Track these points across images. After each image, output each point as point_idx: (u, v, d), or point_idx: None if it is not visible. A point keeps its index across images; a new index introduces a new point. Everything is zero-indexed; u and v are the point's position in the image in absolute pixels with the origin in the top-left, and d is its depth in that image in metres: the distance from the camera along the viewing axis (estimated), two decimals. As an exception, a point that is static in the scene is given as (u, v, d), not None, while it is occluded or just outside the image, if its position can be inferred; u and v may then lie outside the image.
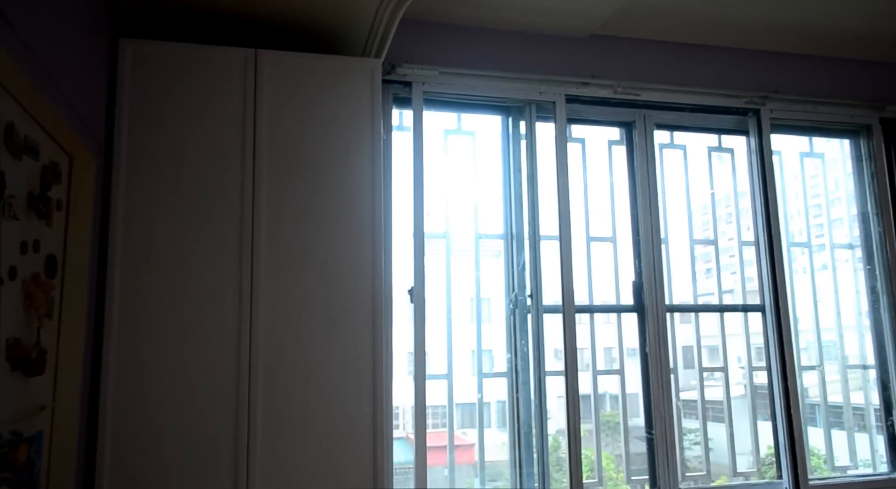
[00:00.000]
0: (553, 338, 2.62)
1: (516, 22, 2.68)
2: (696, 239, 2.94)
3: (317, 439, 1.87)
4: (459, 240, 2.68)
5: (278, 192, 1.96)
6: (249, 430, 1.82)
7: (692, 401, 2.86)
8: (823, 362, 3.00)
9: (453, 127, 2.74)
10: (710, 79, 2.92)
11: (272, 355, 1.87)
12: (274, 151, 1.97)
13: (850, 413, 3.01)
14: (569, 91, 2.71)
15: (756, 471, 2.82)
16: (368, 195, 2.02)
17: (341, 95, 2.05)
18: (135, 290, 1.82)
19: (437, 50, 2.64)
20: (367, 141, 2.05)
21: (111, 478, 1.73)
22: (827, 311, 3.06)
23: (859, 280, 3.11)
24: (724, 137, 3.04)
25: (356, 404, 1.91)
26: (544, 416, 2.57)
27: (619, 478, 2.77)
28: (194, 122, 1.93)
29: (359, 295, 1.96)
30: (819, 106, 3.01)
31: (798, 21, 2.77)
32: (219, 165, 1.93)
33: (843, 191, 3.20)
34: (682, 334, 2.85)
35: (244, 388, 1.84)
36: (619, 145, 2.90)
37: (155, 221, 1.87)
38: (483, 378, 2.63)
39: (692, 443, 2.95)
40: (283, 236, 1.94)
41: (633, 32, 2.84)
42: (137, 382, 1.78)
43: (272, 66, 2.01)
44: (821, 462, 2.97)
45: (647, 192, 2.83)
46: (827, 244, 3.13)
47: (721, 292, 2.93)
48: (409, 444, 2.49)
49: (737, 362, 2.94)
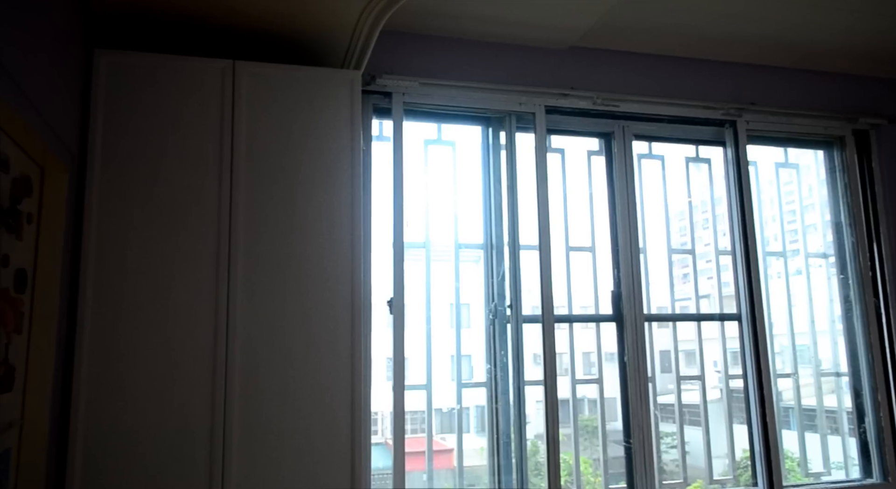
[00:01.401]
0: (532, 344, 2.63)
1: (496, 34, 2.69)
2: (674, 248, 2.97)
3: (294, 449, 1.85)
4: (439, 250, 2.67)
5: (256, 203, 1.94)
6: (225, 444, 1.80)
7: (669, 405, 2.88)
8: (798, 367, 3.04)
9: (433, 137, 2.74)
10: (687, 91, 2.95)
11: (249, 366, 1.85)
12: (252, 163, 1.96)
13: (824, 417, 3.06)
14: (548, 102, 2.73)
15: (732, 478, 2.85)
16: (347, 205, 2.01)
17: (320, 107, 2.04)
18: (108, 304, 1.79)
19: (418, 61, 2.63)
20: (346, 151, 2.04)
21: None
22: (801, 316, 3.11)
23: (833, 286, 3.16)
24: (701, 148, 3.08)
25: (334, 413, 1.89)
26: (523, 425, 2.58)
27: (596, 483, 2.78)
28: (171, 134, 1.91)
29: (337, 304, 1.95)
30: (794, 118, 3.05)
31: (774, 34, 2.81)
32: (195, 177, 1.91)
33: (817, 197, 3.25)
34: (660, 338, 2.88)
35: (220, 400, 1.82)
36: (599, 156, 2.92)
37: (129, 234, 1.84)
38: (462, 388, 2.64)
39: (669, 447, 2.97)
40: (261, 247, 1.92)
41: (612, 44, 2.86)
42: (110, 398, 1.76)
43: (250, 78, 1.99)
44: (794, 465, 3.01)
45: (626, 202, 2.85)
46: (801, 249, 3.18)
47: (698, 298, 2.96)
48: (387, 450, 2.49)
49: (713, 366, 2.97)
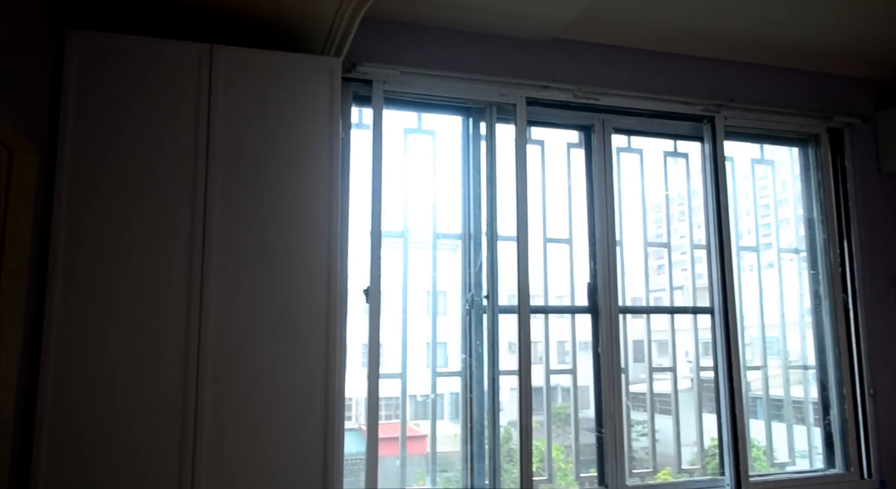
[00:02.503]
0: (508, 333, 2.64)
1: (479, 23, 2.67)
2: (650, 242, 3.00)
3: (266, 435, 1.85)
4: (417, 239, 2.67)
5: (232, 189, 1.91)
6: (196, 430, 1.79)
7: (641, 394, 2.93)
8: (767, 359, 3.10)
9: (413, 126, 2.72)
10: (667, 86, 2.96)
11: (221, 353, 1.84)
12: (228, 148, 1.93)
13: (791, 408, 3.13)
14: (529, 94, 2.72)
15: (700, 467, 2.91)
16: (325, 193, 2.00)
17: (299, 93, 2.01)
18: (78, 291, 1.76)
19: (399, 49, 2.60)
20: (325, 139, 2.02)
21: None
22: (772, 309, 3.17)
23: (803, 281, 3.22)
24: (679, 143, 3.10)
25: (308, 399, 1.89)
26: (496, 414, 2.60)
27: (567, 469, 2.82)
28: (145, 118, 1.87)
29: (313, 292, 1.94)
30: (770, 115, 3.09)
31: (753, 31, 2.83)
32: (170, 162, 1.87)
33: (791, 193, 3.30)
34: (634, 329, 2.92)
35: (191, 387, 1.80)
36: (578, 148, 2.93)
37: (101, 219, 1.80)
38: (437, 377, 2.65)
39: (639, 435, 3.02)
40: (236, 234, 1.90)
41: (595, 37, 2.86)
42: (78, 386, 1.73)
43: (228, 62, 1.96)
44: (760, 454, 3.08)
45: (604, 195, 2.87)
46: (774, 244, 3.23)
47: (672, 289, 3.00)
48: (360, 436, 2.50)
49: (685, 357, 3.02)
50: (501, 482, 2.58)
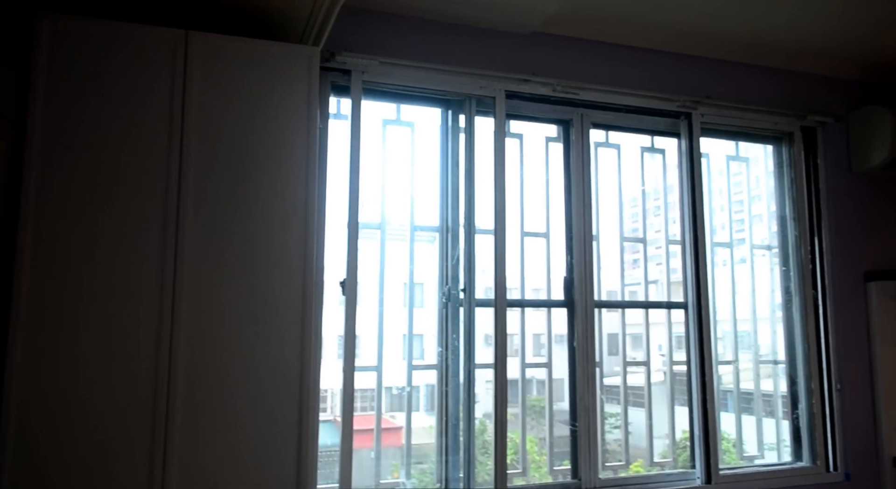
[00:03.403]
0: (484, 325, 2.65)
1: (459, 15, 2.65)
2: (626, 236, 3.02)
3: (239, 426, 1.83)
4: (394, 232, 2.66)
5: (206, 179, 1.88)
6: (168, 422, 1.76)
7: (615, 387, 2.95)
8: (738, 353, 3.15)
9: (392, 117, 2.70)
10: (646, 82, 2.98)
11: (195, 346, 1.81)
12: (203, 137, 1.89)
13: (760, 401, 3.19)
14: (509, 87, 2.72)
15: (672, 460, 2.95)
16: (302, 184, 1.97)
17: (277, 82, 1.98)
18: (46, 281, 1.72)
19: (379, 39, 2.58)
20: (302, 129, 2.00)
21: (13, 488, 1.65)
22: (744, 304, 3.21)
23: (775, 277, 3.27)
24: (656, 138, 3.12)
25: (282, 390, 1.87)
26: (472, 407, 2.60)
27: (542, 461, 2.84)
28: (117, 104, 1.82)
29: (289, 283, 1.92)
30: (746, 112, 3.12)
31: (730, 29, 2.85)
32: (143, 150, 1.83)
33: (764, 189, 3.35)
34: (609, 322, 2.94)
35: (163, 378, 1.77)
36: (557, 142, 2.93)
37: (70, 208, 1.76)
38: (413, 370, 2.65)
39: (612, 427, 3.05)
40: (210, 225, 1.87)
41: (575, 32, 2.86)
42: (46, 378, 1.69)
43: (204, 49, 1.92)
44: (730, 446, 3.13)
45: (582, 190, 2.88)
46: (747, 239, 3.27)
47: (647, 283, 3.03)
48: (335, 427, 2.49)
49: (658, 350, 3.06)
50: (476, 474, 2.59)
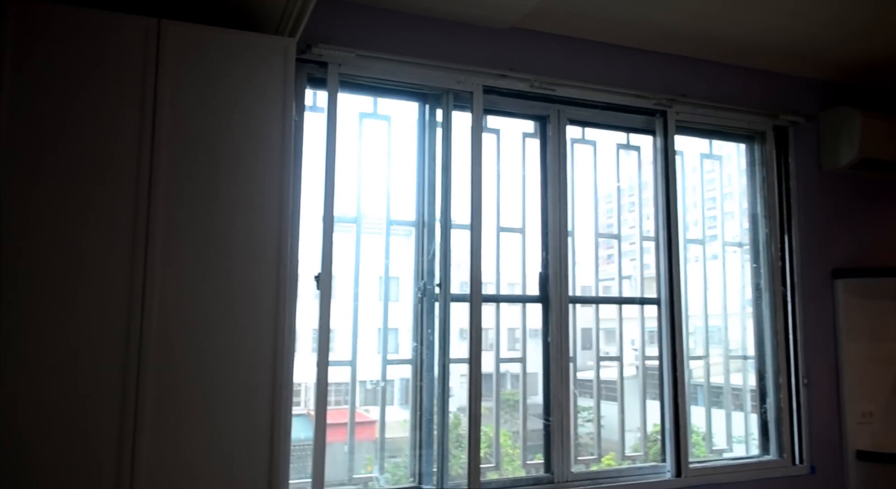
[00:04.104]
0: (459, 320, 2.65)
1: (438, 9, 2.64)
2: (601, 233, 3.04)
3: (211, 422, 1.81)
4: (370, 225, 2.65)
5: (178, 171, 1.85)
6: (137, 415, 1.73)
7: (588, 381, 2.98)
8: (709, 348, 3.20)
9: (369, 111, 2.68)
10: (622, 79, 3.00)
11: (166, 340, 1.79)
12: (175, 128, 1.86)
13: (730, 395, 3.24)
14: (487, 82, 2.71)
15: (643, 454, 2.99)
16: (277, 177, 1.95)
17: (252, 74, 1.95)
18: (12, 274, 1.68)
19: (356, 32, 2.56)
20: (277, 122, 1.97)
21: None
22: (715, 300, 3.26)
23: (746, 273, 3.33)
24: (632, 136, 3.14)
25: (255, 384, 1.86)
26: (446, 402, 2.61)
27: (515, 455, 2.86)
28: (87, 94, 1.78)
29: (262, 277, 1.90)
30: (720, 111, 3.15)
31: (706, 28, 2.88)
32: (113, 142, 1.79)
33: (737, 186, 3.39)
34: (583, 316, 2.97)
35: (132, 371, 1.74)
36: (533, 138, 2.94)
37: (38, 198, 1.72)
38: (387, 364, 2.64)
39: (585, 421, 3.08)
40: (183, 217, 1.84)
41: (553, 28, 2.86)
42: (11, 373, 1.65)
43: (177, 39, 1.88)
44: (700, 439, 3.18)
45: (558, 186, 2.89)
46: (719, 236, 3.31)
47: (621, 279, 3.06)
48: (309, 421, 2.48)
49: (631, 345, 3.09)
50: (449, 468, 2.60)
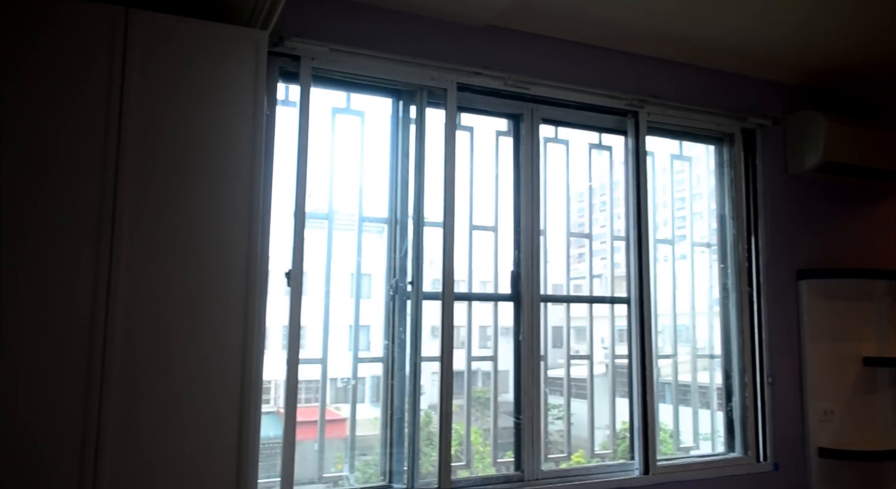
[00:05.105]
0: (431, 317, 2.65)
1: (413, 5, 2.62)
2: (573, 232, 3.06)
3: (178, 421, 1.78)
4: (342, 222, 2.62)
5: (146, 166, 1.81)
6: (101, 416, 1.69)
7: (558, 379, 3.00)
8: (677, 346, 3.24)
9: (342, 106, 2.66)
10: (595, 79, 3.01)
11: (131, 337, 1.75)
12: (143, 121, 1.82)
13: (697, 393, 3.29)
14: (461, 79, 2.70)
15: (612, 452, 3.02)
16: (247, 172, 1.92)
17: (222, 66, 1.92)
18: (-28, 267, 1.63)
19: (330, 25, 2.53)
20: (248, 115, 1.94)
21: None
22: (683, 299, 3.30)
23: (713, 273, 3.38)
24: (604, 135, 3.16)
25: (223, 382, 1.83)
26: (417, 400, 2.60)
27: (486, 453, 2.87)
28: (50, 84, 1.73)
29: (232, 273, 1.87)
30: (690, 113, 3.19)
31: (681, 30, 2.91)
32: (78, 134, 1.75)
33: (705, 187, 3.44)
34: (554, 315, 2.98)
35: (96, 371, 1.70)
36: (507, 136, 2.94)
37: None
38: (359, 362, 2.63)
39: (555, 418, 3.10)
40: (150, 212, 1.80)
41: (528, 26, 2.87)
42: (-28, 370, 1.61)
43: (145, 28, 1.84)
44: (667, 437, 3.23)
45: (531, 184, 2.90)
46: (688, 236, 3.36)
47: (592, 277, 3.08)
48: (278, 419, 2.45)
49: (601, 343, 3.12)
50: (420, 466, 2.59)
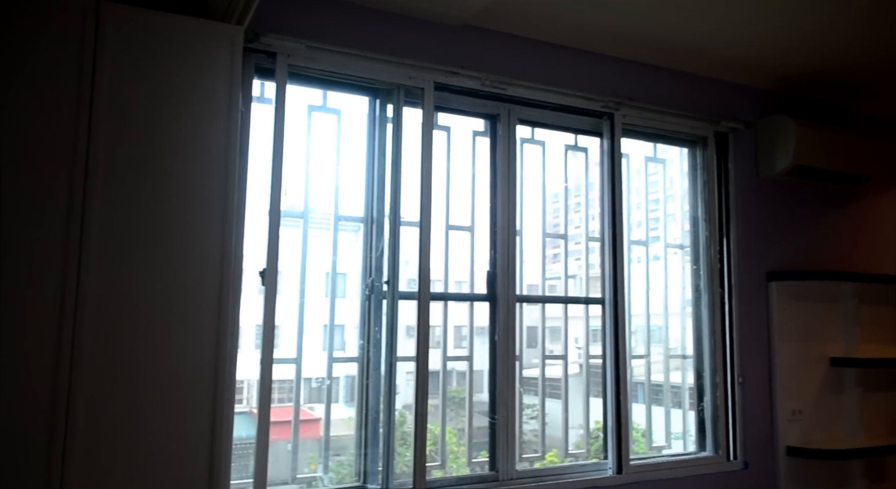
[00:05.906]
0: (406, 317, 2.64)
1: (391, 3, 2.61)
2: (548, 232, 3.08)
3: (149, 421, 1.75)
4: (317, 221, 2.60)
5: (117, 161, 1.77)
6: (68, 419, 1.66)
7: (533, 379, 3.01)
8: (650, 346, 3.27)
9: (318, 103, 2.64)
10: (572, 81, 3.03)
11: (100, 338, 1.72)
12: (114, 116, 1.78)
13: (669, 393, 3.33)
14: (438, 79, 2.70)
15: (585, 451, 3.04)
16: (222, 169, 1.90)
17: (196, 62, 1.89)
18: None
19: (306, 22, 2.51)
20: (222, 112, 1.92)
21: None
22: (656, 300, 3.33)
23: (686, 274, 3.42)
24: (580, 137, 3.19)
25: (195, 382, 1.81)
26: (392, 401, 2.59)
27: (460, 452, 2.87)
28: (18, 78, 1.69)
29: (205, 272, 1.84)
30: (665, 115, 3.22)
31: (657, 33, 2.93)
32: (46, 132, 1.70)
33: (679, 189, 3.48)
34: (529, 314, 2.99)
35: (64, 373, 1.66)
36: (484, 137, 2.94)
37: (-36, 186, 1.63)
38: (333, 362, 2.61)
39: (529, 418, 3.12)
40: (121, 210, 1.77)
41: (506, 27, 2.87)
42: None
43: (117, 21, 1.80)
44: (640, 436, 3.26)
45: (507, 185, 2.91)
46: (661, 237, 3.39)
47: (567, 278, 3.10)
48: (251, 419, 2.43)
49: (575, 344, 3.14)
50: (395, 466, 2.58)
